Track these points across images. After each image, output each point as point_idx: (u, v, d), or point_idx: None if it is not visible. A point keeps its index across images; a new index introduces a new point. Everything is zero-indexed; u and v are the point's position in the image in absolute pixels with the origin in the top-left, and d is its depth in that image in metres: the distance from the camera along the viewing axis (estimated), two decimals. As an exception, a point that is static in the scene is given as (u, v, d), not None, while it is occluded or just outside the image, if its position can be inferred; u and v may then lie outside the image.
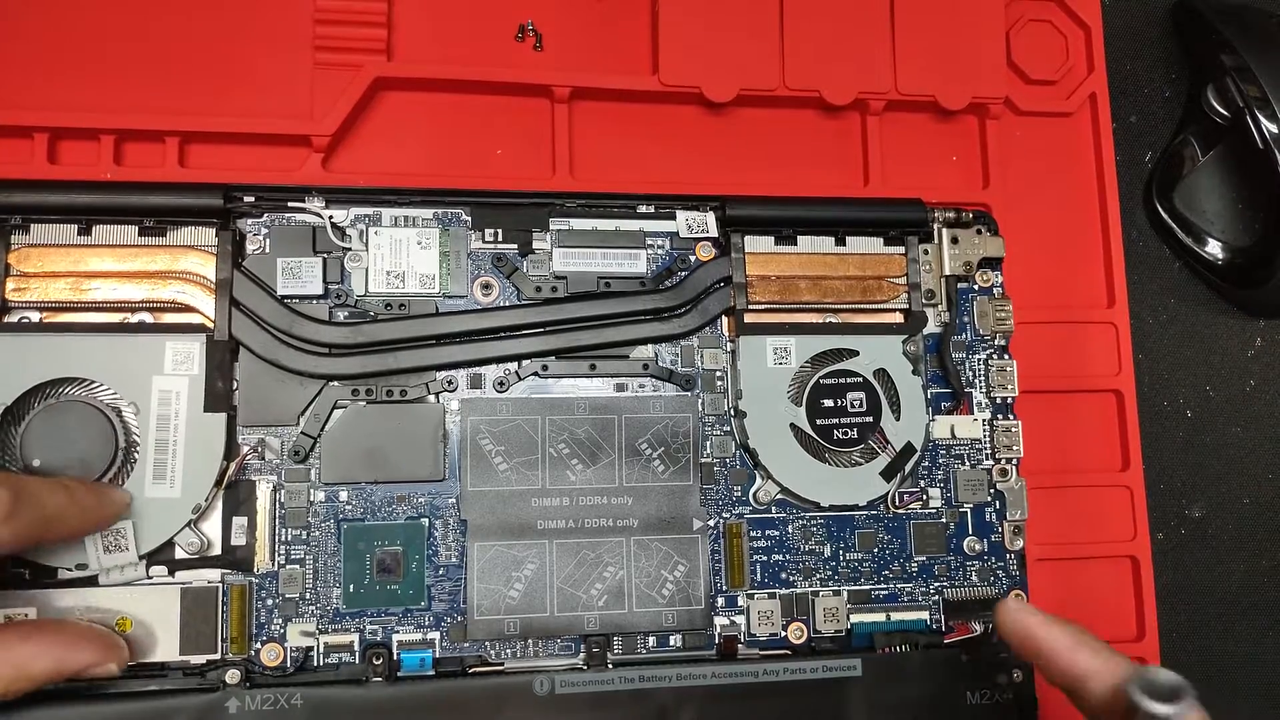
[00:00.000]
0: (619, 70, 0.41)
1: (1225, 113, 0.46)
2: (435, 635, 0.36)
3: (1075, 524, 0.42)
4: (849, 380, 0.39)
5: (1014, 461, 0.40)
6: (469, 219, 0.38)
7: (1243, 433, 0.48)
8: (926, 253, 0.41)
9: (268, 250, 0.37)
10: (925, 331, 0.41)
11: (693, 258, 0.40)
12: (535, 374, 0.38)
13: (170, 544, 0.34)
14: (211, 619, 0.34)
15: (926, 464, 0.40)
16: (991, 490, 0.40)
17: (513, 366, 0.38)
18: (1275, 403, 0.48)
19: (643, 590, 0.37)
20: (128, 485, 0.34)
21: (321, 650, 0.35)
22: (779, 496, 0.39)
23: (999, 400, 0.41)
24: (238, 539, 0.35)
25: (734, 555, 0.38)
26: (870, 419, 0.39)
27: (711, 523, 0.38)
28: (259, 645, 0.35)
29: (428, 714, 0.35)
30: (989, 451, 0.40)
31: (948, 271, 0.41)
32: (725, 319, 0.39)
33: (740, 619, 0.38)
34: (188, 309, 0.36)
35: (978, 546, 0.40)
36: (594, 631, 0.37)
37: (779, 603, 0.38)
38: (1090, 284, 0.45)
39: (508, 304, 0.38)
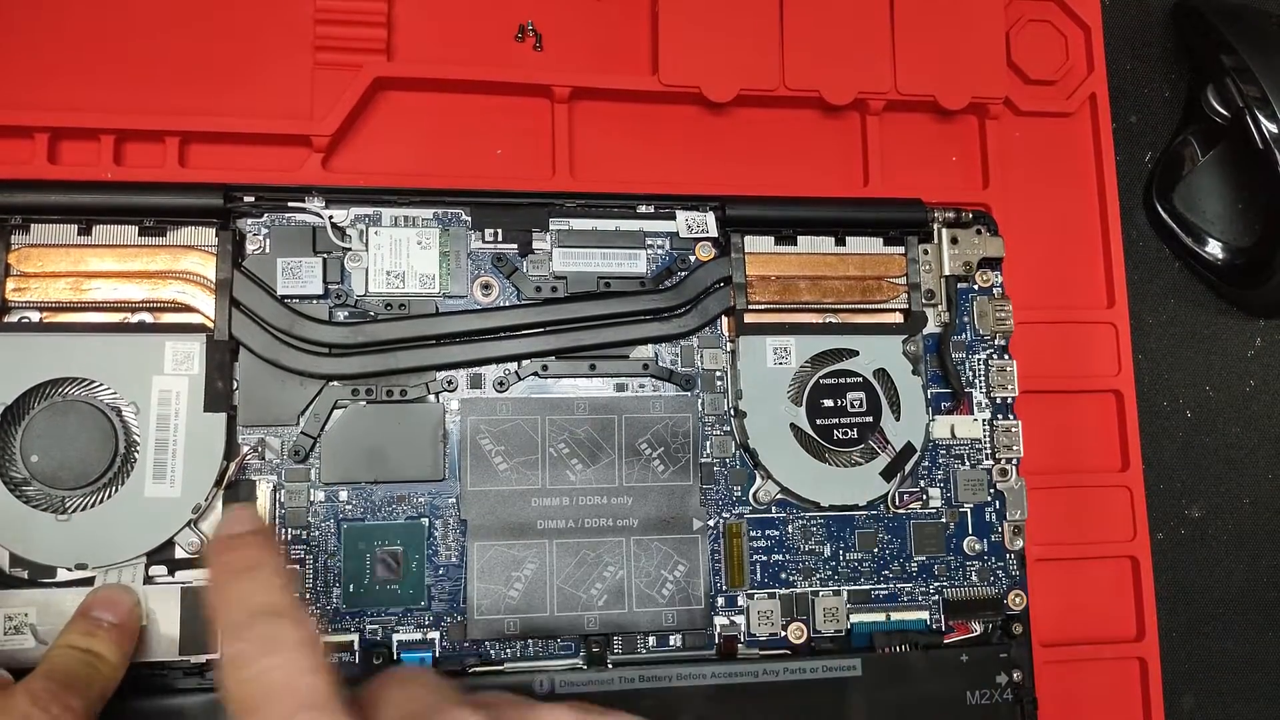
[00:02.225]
0: (619, 70, 0.41)
1: (1225, 113, 0.46)
2: (435, 635, 0.36)
3: (1075, 524, 0.42)
4: (849, 380, 0.39)
5: (1014, 461, 0.40)
6: (469, 219, 0.38)
7: (1243, 433, 0.48)
8: (926, 253, 0.41)
9: (268, 250, 0.37)
10: (925, 331, 0.40)
11: (692, 258, 0.40)
12: (535, 374, 0.38)
13: (170, 544, 0.34)
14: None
15: (926, 464, 0.40)
16: (991, 490, 0.40)
17: (513, 366, 0.38)
18: (1275, 403, 0.48)
19: (643, 590, 0.37)
20: (128, 485, 0.34)
21: (321, 650, 0.35)
22: (779, 496, 0.39)
23: (999, 400, 0.41)
24: (238, 539, 0.35)
25: (734, 555, 0.38)
26: (870, 419, 0.39)
27: (711, 523, 0.38)
28: (259, 645, 0.35)
29: (428, 714, 0.34)
30: (989, 451, 0.40)
31: (947, 271, 0.41)
32: (725, 319, 0.39)
33: (740, 619, 0.38)
34: (188, 309, 0.36)
35: (978, 546, 0.40)
36: (594, 631, 0.37)
37: (779, 603, 0.38)
38: (1090, 284, 0.45)
39: (508, 304, 0.38)
